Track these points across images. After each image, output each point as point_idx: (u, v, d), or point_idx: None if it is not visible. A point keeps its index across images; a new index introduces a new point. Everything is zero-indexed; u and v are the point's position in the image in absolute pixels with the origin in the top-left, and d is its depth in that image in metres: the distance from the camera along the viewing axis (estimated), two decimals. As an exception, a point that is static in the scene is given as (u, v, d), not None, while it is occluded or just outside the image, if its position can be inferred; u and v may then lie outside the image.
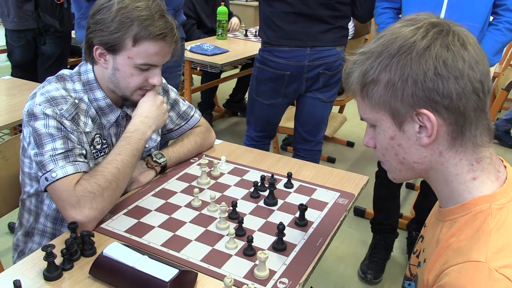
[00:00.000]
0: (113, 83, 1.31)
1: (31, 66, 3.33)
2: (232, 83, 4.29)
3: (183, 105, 1.63)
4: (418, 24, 0.79)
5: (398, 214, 2.48)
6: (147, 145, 1.49)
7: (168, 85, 1.61)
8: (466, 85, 0.76)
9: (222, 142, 1.78)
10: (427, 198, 2.39)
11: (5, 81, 2.57)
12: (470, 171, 0.82)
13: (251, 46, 3.54)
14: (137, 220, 1.26)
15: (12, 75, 3.00)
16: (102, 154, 1.37)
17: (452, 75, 0.76)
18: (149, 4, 1.26)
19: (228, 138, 2.08)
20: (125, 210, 1.30)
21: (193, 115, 1.65)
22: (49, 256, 1.02)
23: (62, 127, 1.24)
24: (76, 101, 1.30)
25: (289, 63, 2.22)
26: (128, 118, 1.42)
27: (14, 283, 0.93)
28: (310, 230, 1.25)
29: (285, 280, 1.05)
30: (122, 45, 1.24)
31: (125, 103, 1.39)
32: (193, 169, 1.54)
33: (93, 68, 1.34)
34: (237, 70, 4.15)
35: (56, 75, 1.33)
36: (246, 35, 3.88)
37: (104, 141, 1.38)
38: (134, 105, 1.39)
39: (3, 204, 1.48)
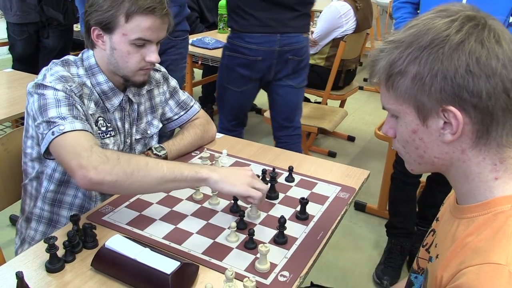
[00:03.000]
0: (112, 64, 1.34)
1: (32, 60, 3.33)
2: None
3: (183, 95, 1.64)
4: (453, 17, 0.76)
5: (414, 217, 2.39)
6: (149, 131, 1.52)
7: (169, 74, 1.62)
8: (497, 84, 0.73)
9: (223, 135, 1.78)
10: (432, 194, 2.35)
11: (7, 73, 2.58)
12: (493, 171, 0.79)
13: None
14: (138, 213, 1.27)
15: (13, 68, 3.00)
16: (108, 136, 1.38)
17: (484, 73, 0.73)
18: None
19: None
20: (126, 203, 1.30)
21: (192, 105, 1.65)
22: (51, 248, 1.02)
23: (71, 98, 1.25)
24: (79, 85, 1.32)
25: (260, 49, 2.27)
26: (131, 102, 1.45)
27: (16, 274, 0.93)
28: (311, 223, 1.25)
29: (286, 273, 1.06)
30: (116, 22, 1.27)
31: (127, 84, 1.40)
32: (195, 162, 1.55)
33: (93, 53, 1.36)
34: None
35: (62, 59, 1.35)
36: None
37: (109, 124, 1.40)
38: (135, 86, 1.41)
39: (5, 196, 1.49)
